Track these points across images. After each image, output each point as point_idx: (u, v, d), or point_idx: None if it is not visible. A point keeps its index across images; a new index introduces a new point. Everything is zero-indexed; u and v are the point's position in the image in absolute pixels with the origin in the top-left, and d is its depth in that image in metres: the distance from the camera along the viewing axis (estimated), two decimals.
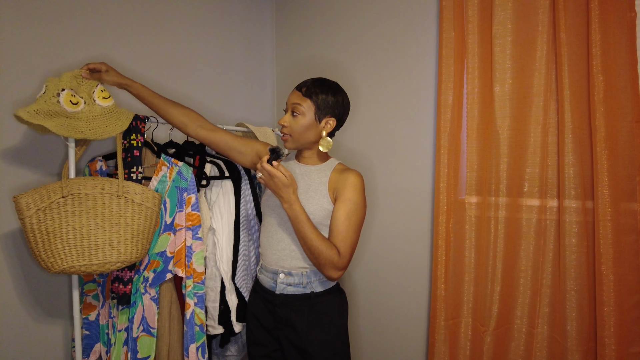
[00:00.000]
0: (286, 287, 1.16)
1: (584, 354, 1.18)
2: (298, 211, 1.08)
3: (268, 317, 1.20)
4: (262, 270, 1.23)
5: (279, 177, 1.04)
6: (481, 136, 1.35)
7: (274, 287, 1.18)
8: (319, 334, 1.15)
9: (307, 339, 1.14)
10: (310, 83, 1.17)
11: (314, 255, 1.09)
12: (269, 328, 1.21)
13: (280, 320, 1.18)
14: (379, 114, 1.65)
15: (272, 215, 1.20)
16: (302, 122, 1.14)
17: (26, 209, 1.02)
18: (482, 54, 1.33)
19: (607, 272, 1.11)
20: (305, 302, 1.16)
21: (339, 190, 1.15)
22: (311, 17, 1.89)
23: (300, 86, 1.18)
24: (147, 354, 1.20)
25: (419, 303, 1.55)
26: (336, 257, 1.09)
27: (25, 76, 1.20)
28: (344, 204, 1.12)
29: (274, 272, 1.18)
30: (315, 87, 1.16)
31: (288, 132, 1.16)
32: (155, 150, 1.34)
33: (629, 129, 1.10)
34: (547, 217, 1.25)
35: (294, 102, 1.15)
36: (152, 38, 1.51)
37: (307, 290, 1.16)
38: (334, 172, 1.20)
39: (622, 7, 1.10)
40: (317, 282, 1.17)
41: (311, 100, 1.14)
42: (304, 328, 1.14)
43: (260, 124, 1.97)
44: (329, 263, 1.08)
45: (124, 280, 1.20)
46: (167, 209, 1.26)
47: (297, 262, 1.16)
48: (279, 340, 1.20)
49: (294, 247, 1.16)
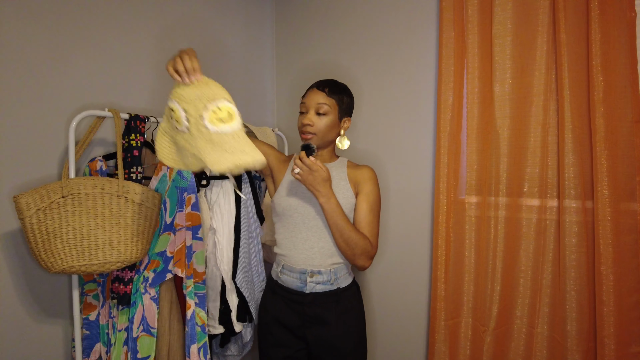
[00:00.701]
0: (316, 286, 1.18)
1: (583, 354, 1.18)
2: (335, 204, 1.12)
3: (293, 317, 1.20)
4: (285, 272, 1.22)
5: (320, 171, 1.08)
6: (481, 136, 1.35)
7: (301, 287, 1.19)
8: (346, 327, 1.19)
9: (336, 333, 1.18)
10: (332, 83, 1.22)
11: (350, 246, 1.13)
12: (294, 327, 1.21)
13: (308, 319, 1.19)
14: (379, 113, 1.65)
15: (294, 215, 1.20)
16: (326, 122, 1.19)
17: (26, 209, 1.02)
18: (482, 54, 1.33)
19: (606, 272, 1.11)
20: (333, 298, 1.19)
21: (360, 185, 1.22)
22: (311, 17, 1.89)
23: (321, 86, 1.21)
24: (147, 354, 1.20)
25: (419, 303, 1.55)
26: (369, 246, 1.16)
27: (25, 76, 1.20)
28: (366, 196, 1.20)
29: (302, 272, 1.19)
30: (336, 87, 1.22)
31: (313, 132, 1.18)
32: (155, 150, 1.34)
33: (629, 129, 1.10)
34: (547, 217, 1.25)
35: (320, 101, 1.18)
36: (151, 38, 1.51)
37: (334, 287, 1.19)
38: (348, 168, 1.27)
39: (622, 7, 1.10)
40: (342, 277, 1.21)
41: (335, 100, 1.20)
42: (333, 323, 1.18)
43: (260, 124, 1.97)
44: (364, 252, 1.15)
45: (124, 280, 1.20)
46: (167, 209, 1.26)
47: (327, 258, 1.19)
48: (305, 338, 1.21)
49: (322, 244, 1.18)
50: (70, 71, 1.28)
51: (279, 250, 1.24)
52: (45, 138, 1.24)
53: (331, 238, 1.18)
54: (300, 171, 1.09)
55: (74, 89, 1.29)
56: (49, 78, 1.24)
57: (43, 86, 1.23)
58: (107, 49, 1.38)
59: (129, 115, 1.25)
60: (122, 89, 1.42)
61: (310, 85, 1.26)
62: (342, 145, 1.25)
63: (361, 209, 1.19)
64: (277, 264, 1.26)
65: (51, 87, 1.24)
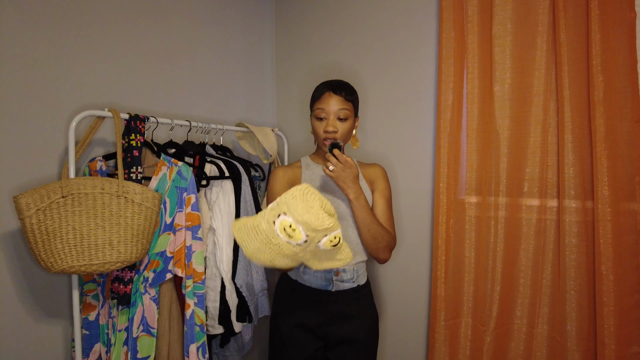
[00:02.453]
0: (340, 284, 1.22)
1: (583, 354, 1.18)
2: (365, 200, 1.16)
3: (315, 316, 1.22)
4: (308, 271, 1.23)
5: (353, 167, 1.11)
6: (481, 136, 1.35)
7: (327, 285, 1.21)
8: (366, 322, 1.25)
9: (358, 328, 1.23)
10: (345, 85, 1.23)
11: (376, 240, 1.17)
12: (314, 327, 1.22)
13: (332, 316, 1.22)
14: (379, 113, 1.65)
15: None
16: (348, 126, 1.21)
17: (26, 209, 1.02)
18: (482, 54, 1.33)
19: (606, 272, 1.11)
20: (355, 295, 1.24)
21: (375, 182, 1.29)
22: (311, 17, 1.89)
23: (337, 90, 1.20)
24: (147, 354, 1.20)
25: (419, 303, 1.55)
26: (392, 239, 1.23)
27: (25, 76, 1.20)
28: (382, 193, 1.27)
29: (327, 270, 1.21)
30: (350, 89, 1.24)
31: (338, 137, 1.19)
32: (155, 150, 1.34)
33: (629, 129, 1.10)
34: (547, 217, 1.25)
35: (341, 107, 1.19)
36: (151, 38, 1.51)
37: (354, 285, 1.24)
38: (360, 167, 1.32)
39: (622, 7, 1.09)
40: (361, 275, 1.27)
41: (352, 103, 1.23)
42: (355, 319, 1.23)
43: (260, 124, 1.97)
44: (388, 245, 1.20)
45: (124, 280, 1.20)
46: (167, 209, 1.26)
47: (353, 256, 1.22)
48: (326, 336, 1.23)
49: (346, 243, 1.19)
50: (70, 71, 1.29)
51: None
52: (45, 138, 1.24)
53: (355, 237, 1.21)
54: (334, 168, 1.11)
55: (74, 89, 1.29)
56: (49, 78, 1.24)
57: (43, 86, 1.23)
58: (107, 49, 1.38)
59: (128, 115, 1.25)
60: (122, 89, 1.42)
61: (320, 87, 1.24)
62: (355, 145, 1.28)
63: (379, 205, 1.25)
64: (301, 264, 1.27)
65: (51, 87, 1.24)
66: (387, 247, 1.21)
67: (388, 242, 1.20)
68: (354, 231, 1.21)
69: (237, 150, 1.83)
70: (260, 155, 1.74)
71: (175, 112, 1.59)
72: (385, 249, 1.20)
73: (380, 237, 1.18)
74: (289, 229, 0.91)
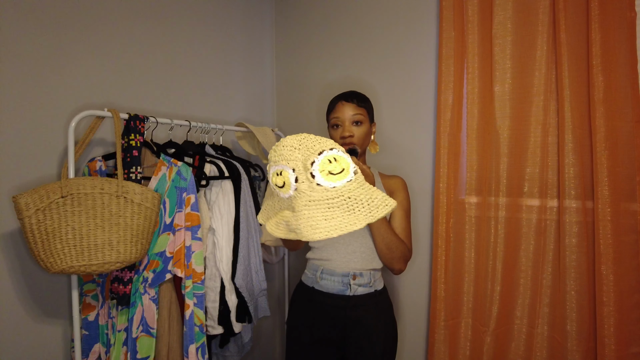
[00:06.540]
0: (358, 288, 1.22)
1: (584, 354, 1.18)
2: None
3: (333, 323, 1.21)
4: (325, 276, 1.23)
5: (370, 176, 1.05)
6: (481, 136, 1.35)
7: (344, 290, 1.21)
8: (385, 327, 1.23)
9: (376, 335, 1.21)
10: (356, 94, 1.26)
11: (391, 250, 1.17)
12: (332, 335, 1.22)
13: (350, 322, 1.21)
14: (379, 113, 1.64)
15: None
16: (363, 130, 1.23)
17: (25, 209, 1.02)
18: (482, 54, 1.33)
19: (607, 272, 1.11)
20: (372, 300, 1.23)
21: (395, 193, 1.28)
22: (311, 17, 1.89)
23: (349, 98, 1.24)
24: (147, 354, 1.20)
25: (419, 303, 1.55)
26: (407, 250, 1.22)
27: (25, 76, 1.20)
28: (401, 204, 1.26)
29: (344, 274, 1.21)
30: (362, 96, 1.26)
31: (354, 142, 1.20)
32: (154, 150, 1.34)
33: (629, 129, 1.10)
34: (547, 217, 1.25)
35: (354, 112, 1.21)
36: (151, 38, 1.51)
37: (372, 290, 1.23)
38: (381, 178, 1.31)
39: (622, 7, 1.09)
40: (378, 280, 1.27)
41: (365, 108, 1.24)
42: (372, 325, 1.21)
43: (260, 124, 1.97)
44: (403, 256, 1.20)
45: (123, 281, 1.19)
46: (167, 209, 1.26)
47: (367, 263, 1.22)
48: (345, 340, 1.22)
49: (364, 248, 1.22)
50: (70, 71, 1.28)
51: (317, 256, 1.25)
52: (45, 138, 1.23)
53: (371, 243, 1.22)
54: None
55: (73, 89, 1.29)
56: (49, 78, 1.24)
57: (43, 86, 1.23)
58: (107, 49, 1.38)
59: (128, 115, 1.24)
60: (121, 89, 1.42)
61: (333, 99, 1.28)
62: (374, 150, 1.29)
63: (397, 216, 1.24)
64: (313, 270, 1.26)
65: (51, 87, 1.24)
66: (402, 257, 1.20)
67: (403, 252, 1.20)
68: (369, 239, 1.22)
69: (237, 150, 1.83)
70: (260, 155, 1.74)
71: (174, 112, 1.59)
72: (400, 259, 1.20)
73: (395, 247, 1.17)
74: (277, 177, 0.83)
